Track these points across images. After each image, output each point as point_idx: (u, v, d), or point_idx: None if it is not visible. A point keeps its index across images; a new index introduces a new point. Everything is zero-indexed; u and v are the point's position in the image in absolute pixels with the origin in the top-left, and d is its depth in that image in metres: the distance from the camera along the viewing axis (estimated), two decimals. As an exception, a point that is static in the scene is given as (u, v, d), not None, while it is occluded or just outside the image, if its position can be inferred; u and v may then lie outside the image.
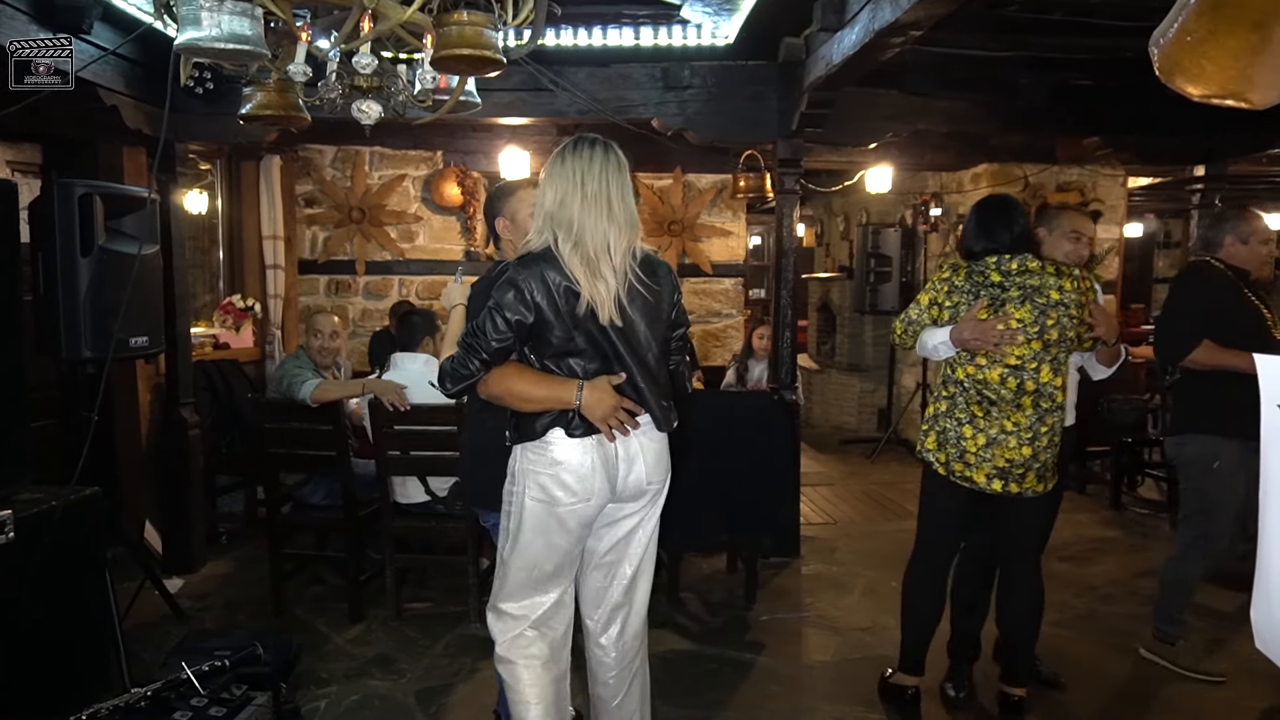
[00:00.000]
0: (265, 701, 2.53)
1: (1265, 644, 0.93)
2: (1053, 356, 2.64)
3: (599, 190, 2.01)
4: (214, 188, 5.68)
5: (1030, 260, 2.67)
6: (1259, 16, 0.74)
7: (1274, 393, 0.87)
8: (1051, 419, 2.65)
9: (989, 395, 2.65)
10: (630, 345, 2.08)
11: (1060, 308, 2.62)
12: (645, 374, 2.10)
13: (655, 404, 2.13)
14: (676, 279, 2.23)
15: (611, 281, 2.01)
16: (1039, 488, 2.70)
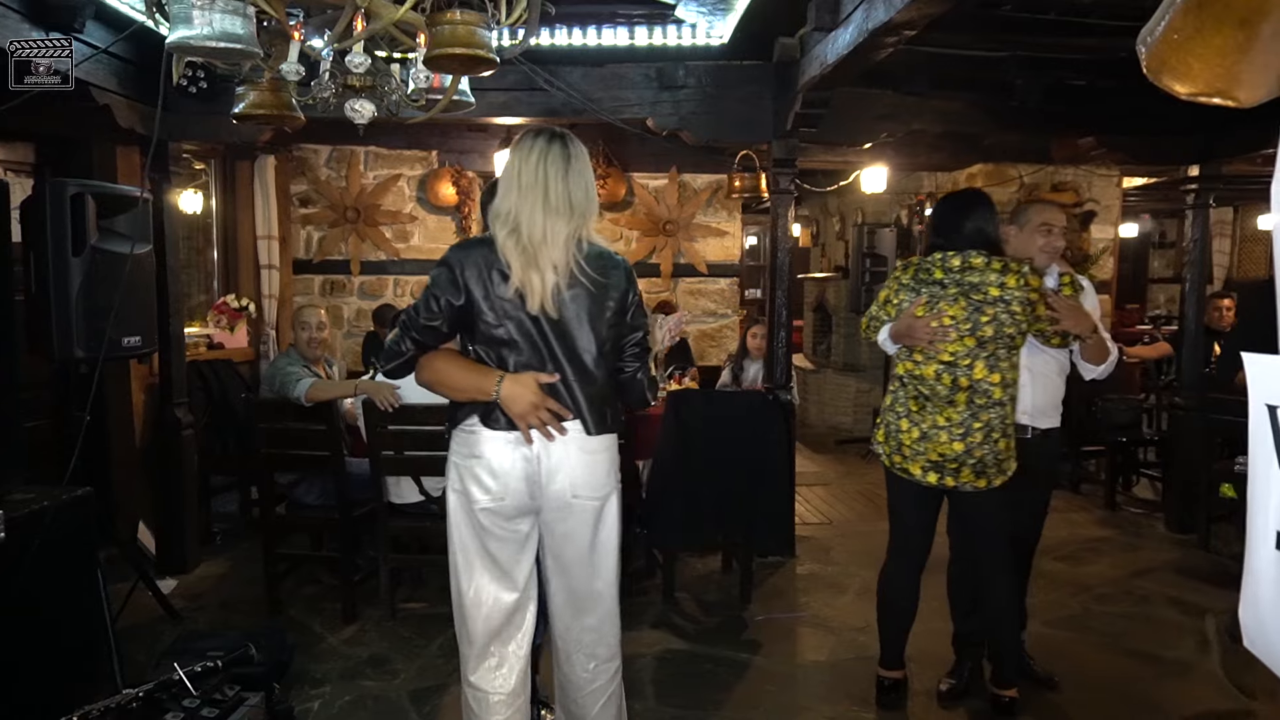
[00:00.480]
0: (258, 702, 2.53)
1: (1253, 643, 0.93)
2: (989, 353, 2.63)
3: (534, 180, 1.99)
4: (208, 187, 5.67)
5: (975, 257, 2.65)
6: (1245, 14, 0.74)
7: (1261, 391, 0.87)
8: (986, 415, 2.63)
9: (924, 390, 2.70)
10: (565, 343, 2.00)
11: (999, 304, 2.61)
12: (579, 375, 2.01)
13: (586, 408, 2.01)
14: (633, 279, 2.10)
15: (549, 274, 1.95)
16: (979, 483, 2.68)
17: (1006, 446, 2.69)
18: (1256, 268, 9.85)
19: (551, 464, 2.00)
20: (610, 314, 2.04)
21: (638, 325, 2.12)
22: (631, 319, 2.10)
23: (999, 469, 2.69)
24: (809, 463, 6.64)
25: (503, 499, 2.02)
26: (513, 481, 2.01)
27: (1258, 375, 0.88)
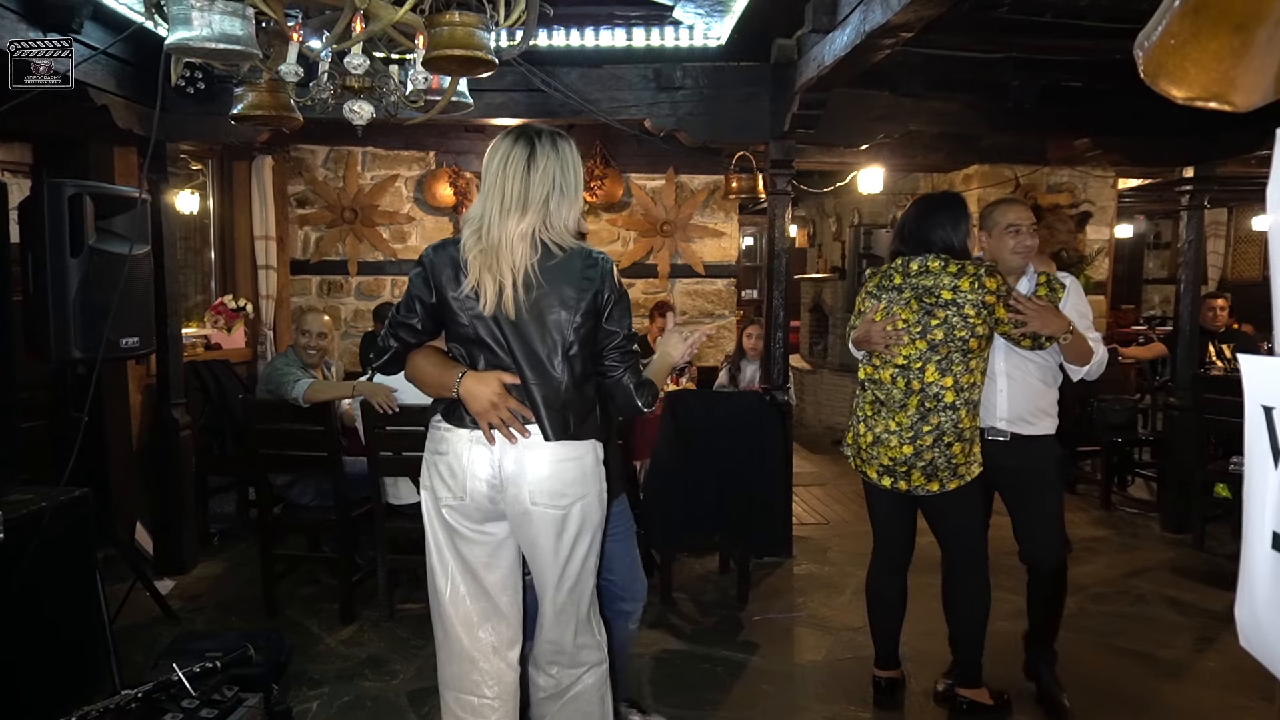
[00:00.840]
0: (257, 703, 2.53)
1: (1249, 642, 0.93)
2: (941, 356, 2.61)
3: (494, 182, 1.98)
4: (205, 188, 5.66)
5: (932, 260, 2.65)
6: (1241, 19, 0.74)
7: (1257, 392, 0.88)
8: (936, 419, 2.62)
9: (880, 395, 2.72)
10: (523, 344, 1.97)
11: (950, 307, 2.59)
12: (539, 377, 1.97)
13: (545, 412, 1.96)
14: (612, 280, 2.00)
15: (506, 275, 1.93)
16: (930, 486, 2.67)
17: (961, 450, 2.64)
18: (1250, 269, 9.89)
19: (512, 468, 1.96)
20: (580, 315, 1.96)
21: (616, 328, 2.02)
22: (608, 321, 2.00)
23: (952, 473, 2.65)
24: (805, 463, 6.66)
25: (463, 498, 2.00)
26: (470, 482, 1.98)
27: (1253, 376, 0.89)
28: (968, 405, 2.65)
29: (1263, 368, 0.89)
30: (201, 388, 4.88)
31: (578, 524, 2.00)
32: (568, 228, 2.01)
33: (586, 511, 2.01)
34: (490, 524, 2.04)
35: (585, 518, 2.01)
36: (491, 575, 2.07)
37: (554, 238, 1.98)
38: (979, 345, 2.63)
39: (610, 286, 1.99)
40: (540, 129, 2.04)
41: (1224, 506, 4.78)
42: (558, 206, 1.98)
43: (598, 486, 2.05)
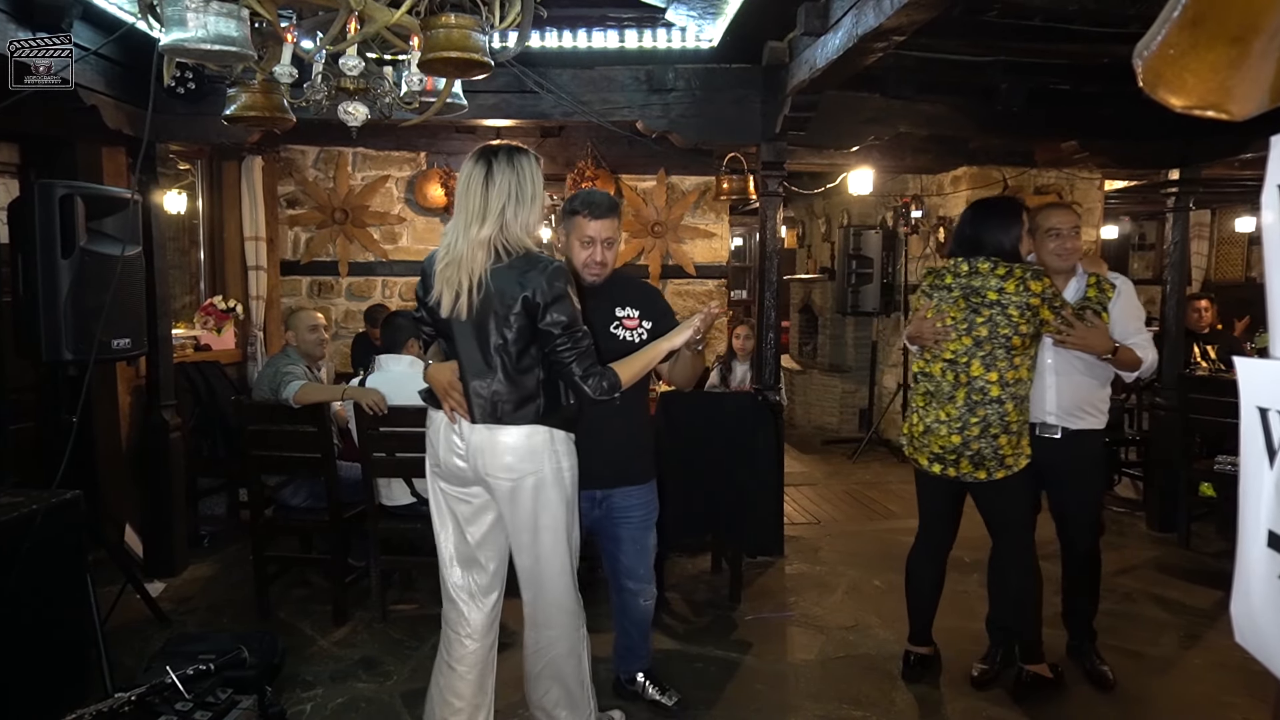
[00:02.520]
0: (250, 705, 2.53)
1: (1245, 638, 0.95)
2: (985, 353, 2.79)
3: (461, 200, 2.22)
4: (194, 188, 5.64)
5: (982, 263, 2.82)
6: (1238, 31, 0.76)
7: (1252, 394, 0.90)
8: (983, 411, 2.79)
9: (930, 387, 2.91)
10: (465, 341, 2.23)
11: (995, 307, 2.76)
12: (472, 370, 2.23)
13: (472, 400, 2.23)
14: (554, 279, 2.16)
15: (464, 284, 2.16)
16: (978, 475, 2.85)
17: (1007, 442, 2.80)
18: (1233, 270, 10.00)
19: (469, 446, 2.26)
20: (514, 314, 2.17)
21: (552, 326, 2.17)
22: (543, 319, 2.17)
23: (999, 463, 2.82)
24: (796, 463, 6.69)
25: (438, 464, 2.34)
26: (444, 453, 2.31)
27: (1248, 379, 0.91)
28: (1014, 399, 2.80)
29: (1258, 370, 0.91)
30: (191, 389, 4.85)
31: (532, 496, 2.24)
32: (526, 233, 2.21)
33: (539, 486, 2.24)
34: (472, 487, 2.33)
35: (539, 492, 2.24)
36: (473, 529, 2.37)
37: (509, 243, 2.18)
38: (1023, 344, 2.78)
39: (544, 289, 2.16)
40: (498, 147, 2.25)
41: (1209, 505, 4.84)
42: (514, 214, 2.19)
43: (551, 465, 2.25)
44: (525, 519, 2.26)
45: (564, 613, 2.37)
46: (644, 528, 2.72)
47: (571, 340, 2.19)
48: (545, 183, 2.32)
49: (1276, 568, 0.87)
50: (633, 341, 2.59)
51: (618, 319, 2.63)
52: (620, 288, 2.70)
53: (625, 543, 2.71)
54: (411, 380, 3.65)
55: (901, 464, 6.85)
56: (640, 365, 2.36)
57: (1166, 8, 0.81)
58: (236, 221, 5.75)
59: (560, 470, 2.26)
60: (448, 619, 2.43)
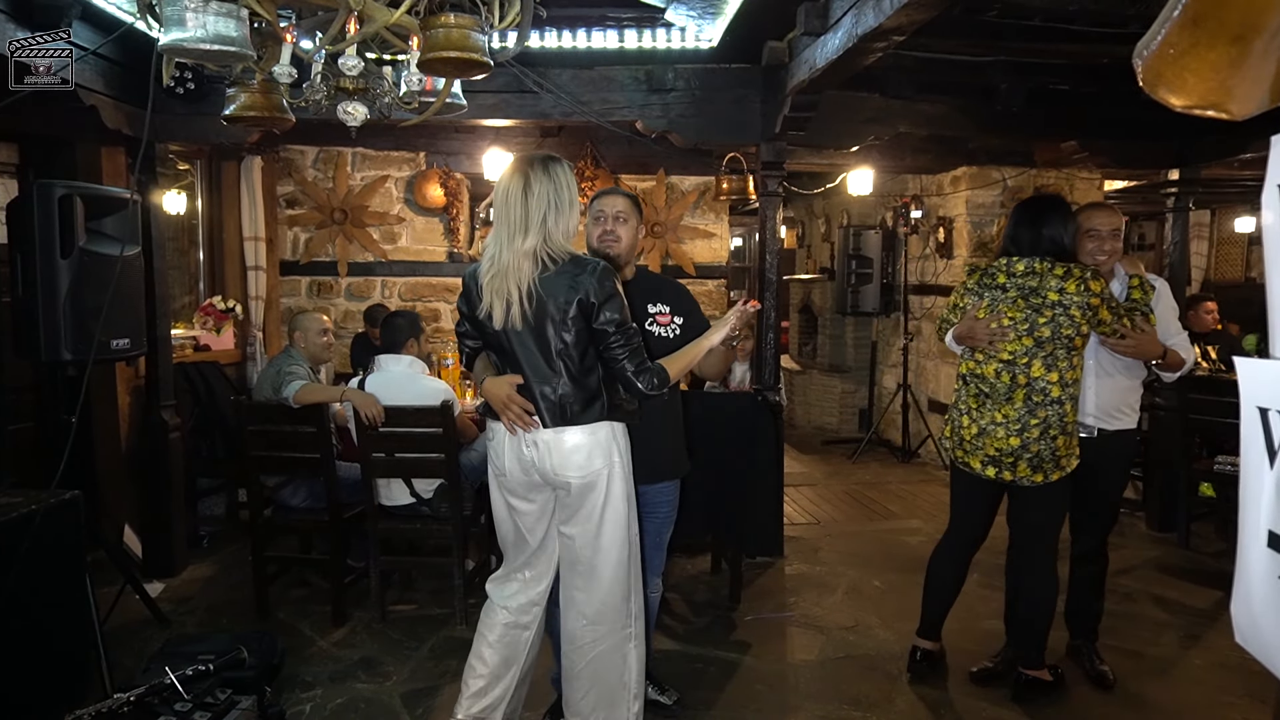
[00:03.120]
0: (250, 705, 2.53)
1: (1245, 638, 0.95)
2: (1047, 353, 2.76)
3: (501, 212, 2.27)
4: (194, 188, 5.63)
5: (1039, 262, 2.79)
6: (1238, 31, 0.76)
7: (1252, 395, 0.90)
8: (1044, 412, 2.76)
9: (984, 389, 2.86)
10: (524, 349, 2.28)
11: (1057, 308, 2.73)
12: (537, 376, 2.27)
13: (542, 405, 2.27)
14: (603, 280, 2.22)
15: (514, 295, 2.22)
16: (1035, 478, 2.81)
17: (1065, 444, 2.79)
18: (1233, 270, 9.99)
19: (539, 450, 2.30)
20: (571, 318, 2.22)
21: (606, 325, 2.22)
22: (597, 320, 2.22)
23: (1056, 464, 2.80)
24: (795, 463, 6.69)
25: (502, 474, 2.39)
26: (507, 462, 2.36)
27: (1249, 379, 0.91)
28: (1072, 400, 2.80)
29: (1258, 370, 0.91)
30: (190, 389, 4.85)
31: (602, 491, 2.30)
32: (567, 238, 2.28)
33: (609, 480, 2.30)
34: (534, 493, 2.38)
35: (609, 485, 2.30)
36: (535, 534, 2.45)
37: (553, 251, 2.24)
38: (1082, 344, 2.78)
39: (596, 290, 2.20)
40: (534, 158, 2.31)
41: (1209, 505, 4.84)
42: (555, 222, 2.25)
43: (617, 458, 2.32)
44: (594, 512, 2.31)
45: (614, 610, 2.39)
46: (667, 523, 2.77)
47: (624, 338, 2.25)
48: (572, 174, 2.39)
49: (1277, 568, 0.87)
50: (666, 337, 2.65)
51: (651, 315, 2.68)
52: (651, 285, 2.78)
53: (649, 535, 2.71)
54: (411, 381, 3.66)
55: (901, 464, 6.85)
56: (686, 361, 2.40)
57: (1167, 7, 0.81)
58: (236, 222, 5.74)
59: (626, 464, 2.35)
60: (491, 586, 2.54)
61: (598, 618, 2.39)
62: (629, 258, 2.67)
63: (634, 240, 2.67)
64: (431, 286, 6.43)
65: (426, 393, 3.56)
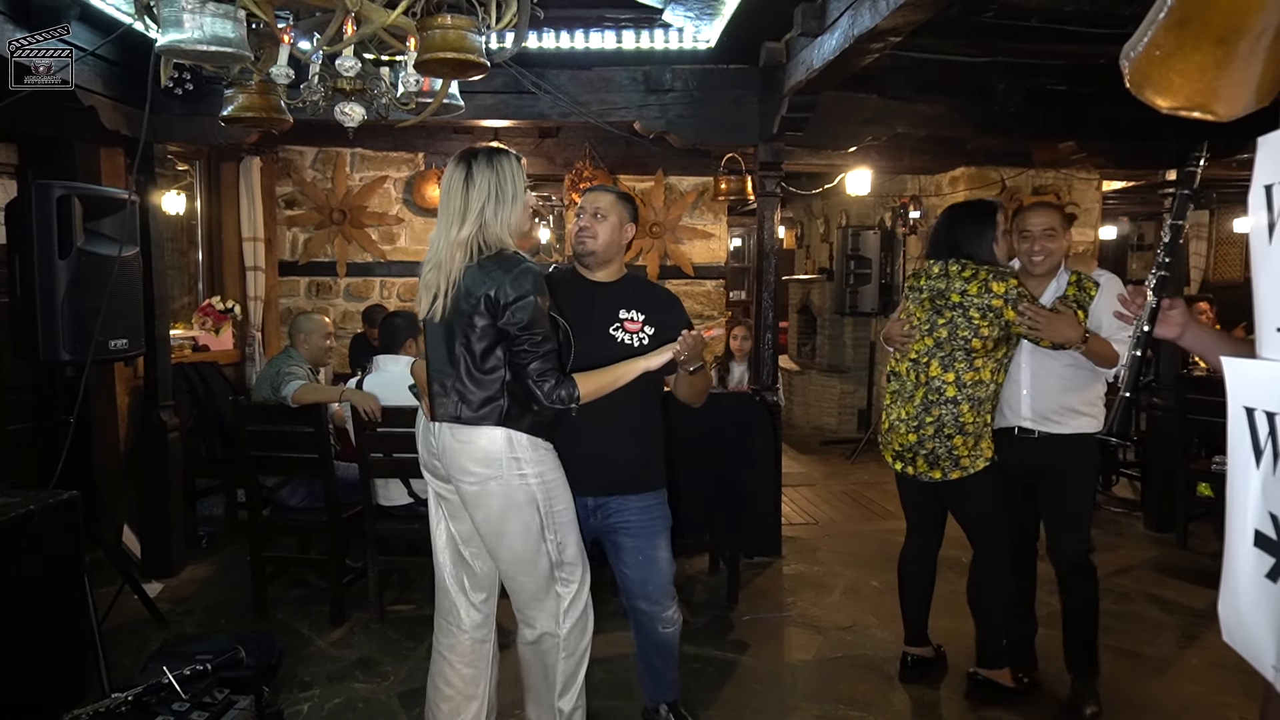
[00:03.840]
0: (248, 705, 2.53)
1: (1232, 637, 0.96)
2: (945, 354, 2.81)
3: (442, 201, 2.25)
4: (192, 188, 5.64)
5: (952, 265, 2.84)
6: (1223, 33, 0.77)
7: (1239, 394, 0.90)
8: (938, 411, 2.82)
9: (897, 386, 2.97)
10: (435, 339, 2.27)
11: (957, 309, 2.79)
12: (437, 368, 2.27)
13: (436, 394, 2.27)
14: (519, 281, 2.14)
15: (442, 285, 2.18)
16: (934, 474, 2.86)
17: (962, 443, 2.81)
18: (1231, 270, 10.00)
19: (438, 443, 2.27)
20: (478, 313, 2.16)
21: (511, 327, 2.14)
22: (505, 320, 2.14)
23: (954, 463, 2.83)
24: (794, 463, 6.69)
25: (421, 460, 2.40)
26: (422, 449, 2.38)
27: (1235, 378, 0.91)
28: (970, 401, 2.79)
29: (1245, 370, 0.91)
30: (189, 389, 4.85)
31: (498, 501, 2.21)
32: (508, 231, 2.22)
33: (505, 492, 2.20)
34: (449, 484, 2.31)
35: (506, 498, 2.20)
36: (458, 525, 2.39)
37: (487, 241, 2.19)
38: (984, 346, 2.77)
39: (507, 287, 2.13)
40: (478, 149, 2.28)
41: (1206, 505, 4.84)
42: (494, 213, 2.20)
43: (512, 470, 2.20)
44: (491, 524, 2.24)
45: (545, 616, 2.34)
46: (647, 538, 2.55)
47: (530, 342, 2.16)
48: (543, 183, 2.36)
49: (1263, 566, 0.87)
50: (631, 345, 2.50)
51: (619, 320, 2.53)
52: (632, 290, 2.61)
53: (627, 552, 2.56)
54: (408, 380, 3.66)
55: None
56: (606, 380, 2.28)
57: (1153, 9, 0.82)
58: (234, 222, 5.75)
59: (525, 476, 2.20)
60: (439, 607, 2.46)
61: (528, 622, 2.38)
62: (607, 256, 2.55)
63: (614, 239, 2.54)
64: (430, 287, 6.43)
65: (424, 393, 3.57)
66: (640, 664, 2.76)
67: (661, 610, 2.60)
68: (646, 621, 2.61)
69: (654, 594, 2.58)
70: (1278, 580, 0.86)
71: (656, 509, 2.57)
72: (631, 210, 2.61)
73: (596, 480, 2.48)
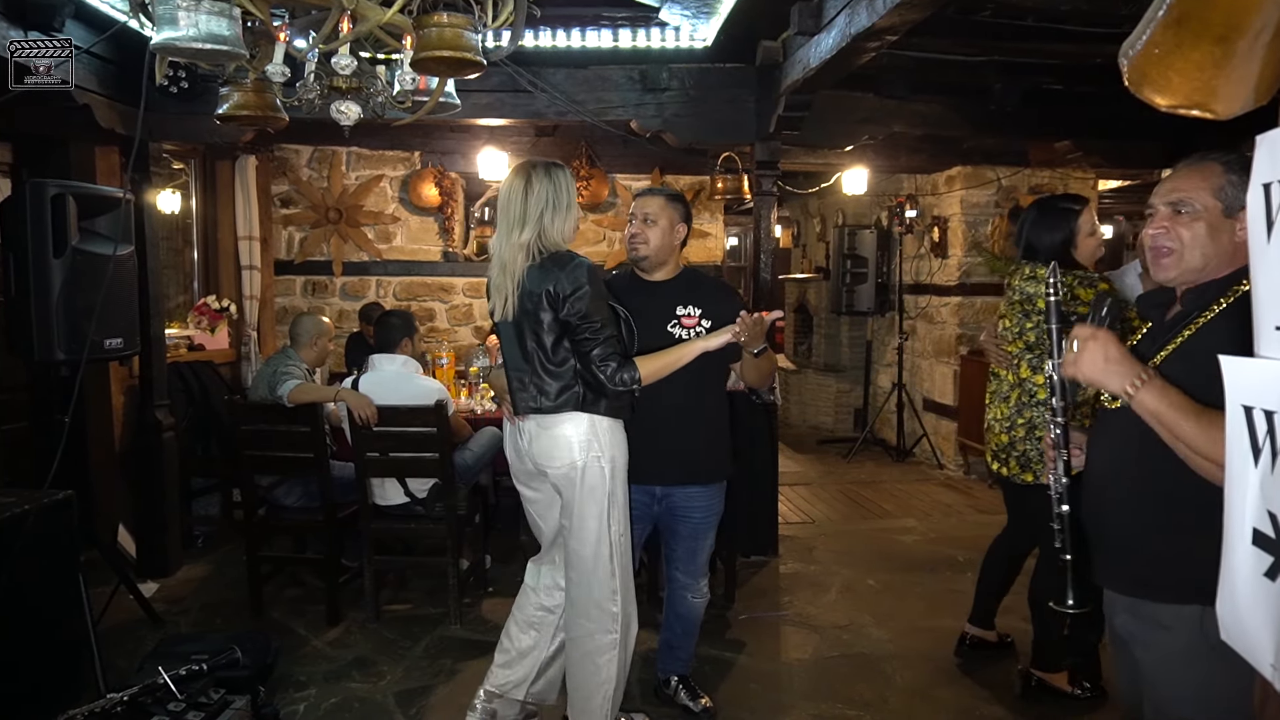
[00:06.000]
0: (244, 705, 2.52)
1: (1230, 635, 0.96)
2: (1034, 356, 2.81)
3: (504, 210, 2.38)
4: (188, 187, 5.62)
5: (1040, 268, 2.80)
6: (1222, 31, 0.76)
7: (1237, 392, 0.90)
8: (1030, 413, 2.81)
9: (994, 386, 2.97)
10: (509, 338, 2.40)
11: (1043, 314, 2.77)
12: (515, 366, 2.40)
13: (516, 390, 2.40)
14: (577, 277, 2.27)
15: (509, 288, 2.32)
16: (1025, 477, 2.83)
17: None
18: (1228, 269, 10.02)
19: (524, 440, 2.42)
20: (542, 310, 2.29)
21: (572, 317, 2.27)
22: (567, 312, 2.27)
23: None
24: (790, 463, 6.69)
25: (510, 463, 2.55)
26: (509, 450, 2.54)
27: (1234, 377, 0.91)
28: None
29: (1242, 368, 0.91)
30: (185, 389, 4.84)
31: (580, 483, 2.33)
32: (563, 238, 2.36)
33: (585, 473, 2.33)
34: (535, 481, 2.48)
35: (581, 481, 2.33)
36: (545, 523, 2.55)
37: (546, 246, 2.32)
38: None
39: (564, 282, 2.26)
40: (537, 162, 2.41)
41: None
42: (551, 220, 2.34)
43: (594, 453, 2.33)
44: (574, 505, 2.36)
45: (599, 609, 2.41)
46: (703, 528, 2.73)
47: (590, 330, 2.29)
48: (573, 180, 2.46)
49: (1262, 565, 0.87)
50: (688, 340, 2.57)
51: (676, 317, 2.64)
52: (688, 286, 2.71)
53: (681, 538, 2.74)
54: (404, 380, 3.66)
55: (896, 463, 6.86)
56: (665, 362, 2.39)
57: (1151, 7, 0.82)
58: (230, 221, 5.73)
59: (602, 459, 2.34)
60: (530, 566, 2.66)
61: (582, 613, 2.43)
62: (661, 258, 2.66)
63: (665, 242, 2.64)
64: (426, 286, 6.43)
65: (420, 392, 3.56)
66: (663, 635, 2.95)
67: (695, 582, 2.80)
68: (679, 592, 2.80)
69: (694, 570, 2.79)
70: (1276, 579, 0.86)
71: (717, 502, 2.74)
72: (683, 210, 2.70)
73: (668, 470, 2.61)
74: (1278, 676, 0.88)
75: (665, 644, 2.95)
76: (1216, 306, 1.33)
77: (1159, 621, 1.46)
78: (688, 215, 2.70)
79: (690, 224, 2.73)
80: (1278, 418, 0.83)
